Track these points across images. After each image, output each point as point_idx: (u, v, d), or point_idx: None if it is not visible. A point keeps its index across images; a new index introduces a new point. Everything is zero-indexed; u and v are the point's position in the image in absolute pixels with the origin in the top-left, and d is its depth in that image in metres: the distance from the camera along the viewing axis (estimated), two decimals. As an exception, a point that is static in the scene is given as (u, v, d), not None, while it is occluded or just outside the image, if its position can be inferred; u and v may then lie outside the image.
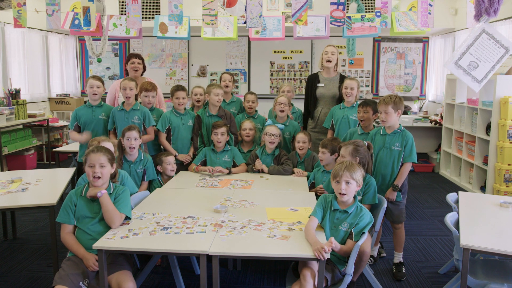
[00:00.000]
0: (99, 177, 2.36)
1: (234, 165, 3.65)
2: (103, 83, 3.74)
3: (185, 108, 3.85)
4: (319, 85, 4.11)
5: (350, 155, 2.78)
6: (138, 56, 4.18)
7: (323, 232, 2.27)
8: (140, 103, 3.75)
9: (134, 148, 3.19)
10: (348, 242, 2.29)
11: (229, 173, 3.52)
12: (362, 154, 2.82)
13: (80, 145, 3.75)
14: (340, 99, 4.00)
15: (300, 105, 4.44)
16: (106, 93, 4.16)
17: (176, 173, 3.52)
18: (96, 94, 3.64)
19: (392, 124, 3.01)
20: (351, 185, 2.32)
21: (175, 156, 3.65)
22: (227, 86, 4.22)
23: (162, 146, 3.84)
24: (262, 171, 3.59)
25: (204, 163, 3.65)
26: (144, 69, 4.25)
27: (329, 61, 4.04)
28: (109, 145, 2.84)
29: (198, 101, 4.06)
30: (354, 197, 2.39)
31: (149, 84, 3.78)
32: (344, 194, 2.32)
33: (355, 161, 2.73)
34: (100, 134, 3.64)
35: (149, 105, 3.77)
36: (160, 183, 3.38)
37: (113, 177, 2.52)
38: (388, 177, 3.04)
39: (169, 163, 3.42)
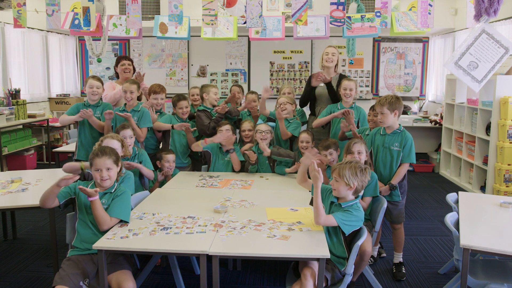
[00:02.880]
0: (107, 179, 2.41)
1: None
2: (102, 83, 3.74)
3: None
4: (319, 85, 4.11)
5: (365, 150, 2.91)
6: (127, 58, 4.25)
7: (323, 232, 2.27)
8: (152, 106, 3.81)
9: (130, 145, 3.21)
10: (328, 217, 2.26)
11: (228, 151, 3.54)
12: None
13: (78, 145, 3.74)
14: (337, 98, 4.00)
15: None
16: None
17: (173, 175, 3.52)
18: (96, 95, 3.64)
19: (390, 124, 3.01)
20: (338, 183, 2.33)
21: (172, 127, 3.69)
22: (238, 98, 4.32)
23: (160, 145, 3.89)
24: (256, 162, 3.58)
25: (208, 160, 3.68)
26: (134, 70, 4.30)
27: (330, 62, 4.05)
28: (116, 143, 2.85)
29: (195, 101, 4.10)
30: (357, 197, 2.38)
31: (158, 86, 3.81)
32: (334, 189, 2.36)
33: (366, 157, 2.90)
34: (96, 132, 3.65)
35: (159, 107, 3.80)
36: (156, 178, 3.41)
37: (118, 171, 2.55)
38: (387, 177, 3.04)
39: (168, 161, 3.43)
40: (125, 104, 3.66)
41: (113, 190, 2.45)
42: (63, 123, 3.75)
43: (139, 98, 3.80)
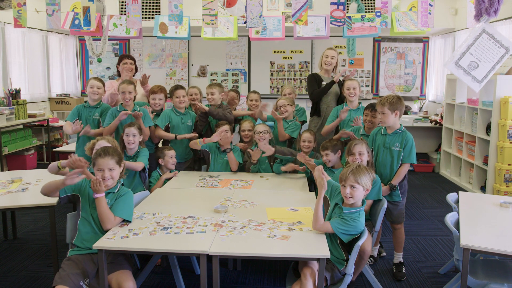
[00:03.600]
0: (109, 179, 2.42)
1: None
2: (104, 85, 3.75)
3: (185, 108, 3.86)
4: (324, 83, 4.12)
5: (367, 151, 2.86)
6: (130, 56, 4.23)
7: (323, 236, 2.26)
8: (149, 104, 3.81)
9: (133, 143, 3.22)
10: (325, 224, 2.26)
11: (225, 151, 3.56)
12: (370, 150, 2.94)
13: (76, 145, 3.75)
14: (341, 98, 4.01)
15: (303, 105, 4.44)
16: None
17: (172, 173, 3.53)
18: (96, 94, 3.66)
19: (391, 124, 3.01)
20: (356, 189, 2.28)
21: (175, 137, 3.68)
22: (235, 104, 4.37)
23: (160, 143, 3.89)
24: (257, 162, 3.56)
25: (207, 160, 3.69)
26: (136, 69, 4.28)
27: (329, 65, 4.09)
28: (105, 143, 2.86)
29: (194, 100, 4.10)
30: (363, 201, 2.36)
31: (157, 87, 3.82)
32: (350, 197, 2.30)
33: (369, 157, 2.84)
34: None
35: (157, 107, 3.78)
36: (160, 174, 3.43)
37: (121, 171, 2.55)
38: (387, 177, 3.04)
39: (171, 156, 3.46)
40: (121, 104, 3.65)
41: (116, 190, 2.46)
42: (67, 132, 3.76)
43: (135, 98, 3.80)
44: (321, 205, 2.26)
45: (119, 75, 4.30)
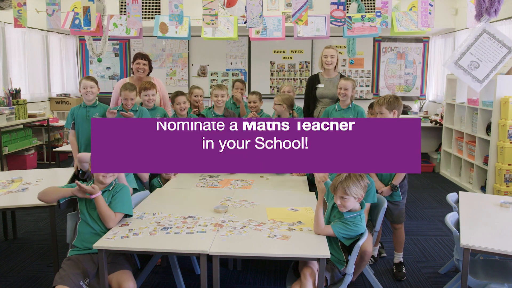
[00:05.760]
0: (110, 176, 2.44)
1: None
2: (96, 82, 3.71)
3: (187, 113, 3.86)
4: (319, 85, 4.11)
5: None
6: (144, 56, 4.09)
7: (324, 236, 2.25)
8: (141, 104, 3.76)
9: (153, 101, 3.21)
10: (326, 227, 2.26)
11: None
12: None
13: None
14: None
15: (301, 105, 4.43)
16: (101, 92, 4.13)
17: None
18: (91, 94, 3.64)
19: (390, 124, 3.00)
20: (346, 200, 2.26)
21: None
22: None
23: None
24: None
25: None
26: (150, 69, 4.17)
27: (330, 65, 4.04)
28: None
29: (197, 102, 4.09)
30: (362, 204, 2.35)
31: (148, 82, 3.74)
32: (342, 207, 2.29)
33: None
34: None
35: (150, 103, 3.74)
36: (160, 184, 3.40)
37: None
38: (387, 177, 3.04)
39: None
40: (122, 104, 3.65)
41: (111, 187, 2.47)
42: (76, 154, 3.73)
43: None
44: (322, 208, 2.26)
45: (133, 73, 4.24)
